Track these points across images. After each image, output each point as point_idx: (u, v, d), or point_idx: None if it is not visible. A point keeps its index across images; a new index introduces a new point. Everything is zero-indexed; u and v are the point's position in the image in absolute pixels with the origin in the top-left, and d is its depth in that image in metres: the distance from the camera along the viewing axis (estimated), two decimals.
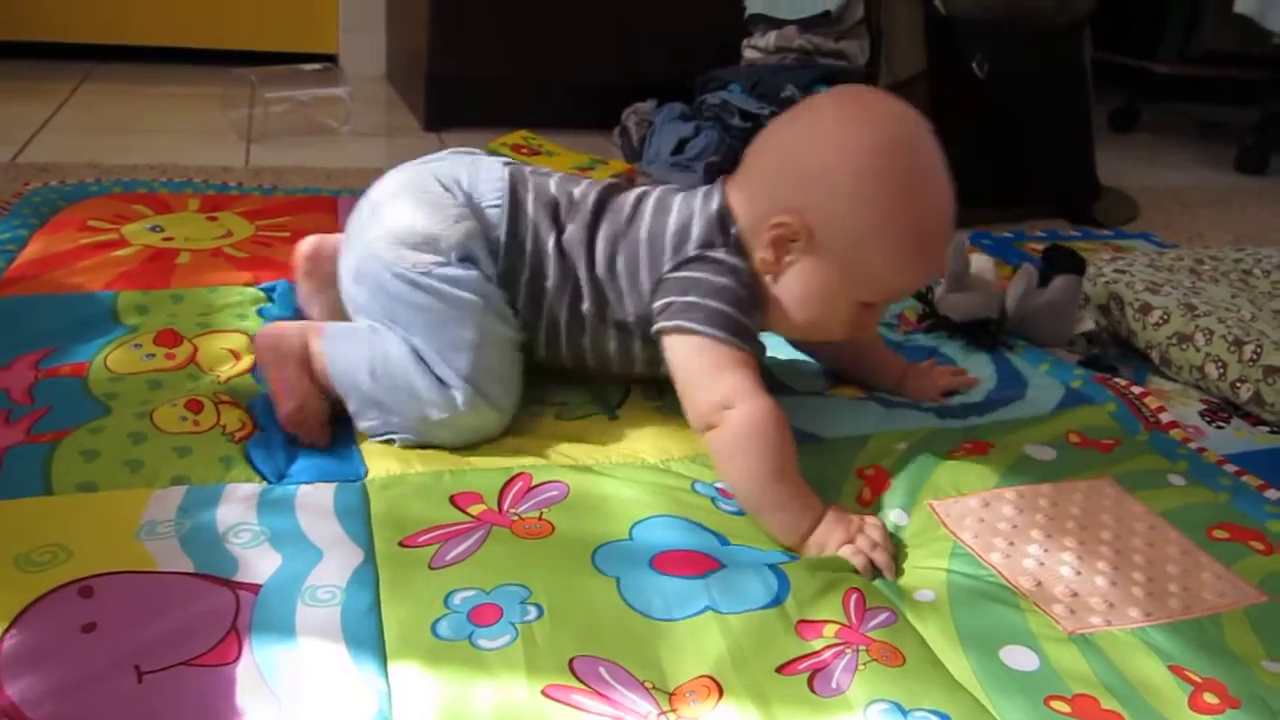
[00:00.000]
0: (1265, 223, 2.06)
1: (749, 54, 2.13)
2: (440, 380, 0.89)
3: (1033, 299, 1.26)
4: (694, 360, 0.89)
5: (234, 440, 0.89)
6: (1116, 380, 1.15)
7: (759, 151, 0.93)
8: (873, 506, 0.89)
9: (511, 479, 0.87)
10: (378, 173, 1.01)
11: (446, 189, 0.95)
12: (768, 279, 0.91)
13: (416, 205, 0.93)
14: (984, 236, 1.71)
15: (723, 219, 0.92)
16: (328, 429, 0.91)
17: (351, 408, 0.92)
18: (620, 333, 0.96)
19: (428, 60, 2.10)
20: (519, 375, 0.95)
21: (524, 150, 1.48)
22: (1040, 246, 1.68)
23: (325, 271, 1.03)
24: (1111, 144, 2.31)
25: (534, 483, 0.87)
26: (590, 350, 0.98)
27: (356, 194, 1.52)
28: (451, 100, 2.13)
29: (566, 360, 0.99)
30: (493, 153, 1.50)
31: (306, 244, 1.07)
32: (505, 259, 0.94)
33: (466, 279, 0.91)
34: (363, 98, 2.22)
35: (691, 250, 0.92)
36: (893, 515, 0.88)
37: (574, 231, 0.95)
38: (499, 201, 0.95)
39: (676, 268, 0.92)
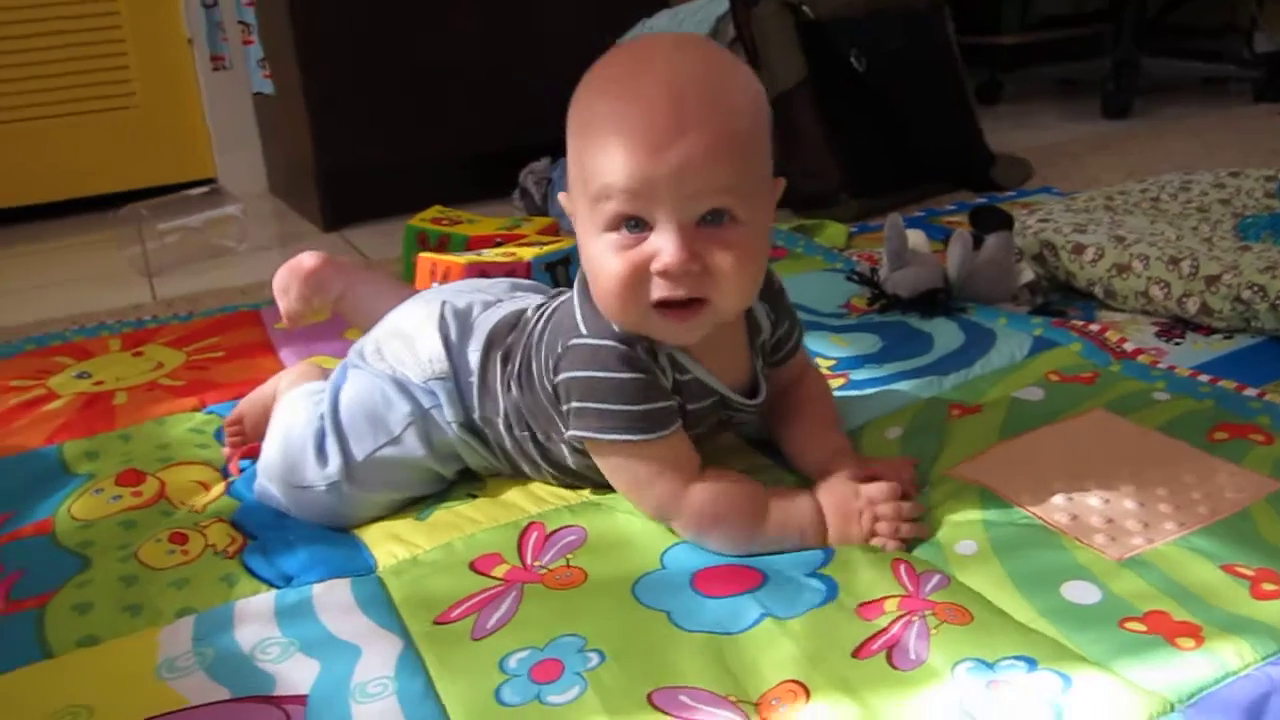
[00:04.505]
0: (1147, 157, 2.14)
1: None
2: (323, 452, 0.89)
3: (972, 262, 1.28)
4: (614, 475, 0.83)
5: (228, 556, 0.85)
6: (1074, 321, 1.18)
7: None
8: None
9: (525, 531, 0.85)
10: None
11: (444, 329, 0.92)
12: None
13: (406, 321, 0.94)
14: None
15: (584, 284, 0.82)
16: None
17: (259, 464, 0.94)
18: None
19: (314, 164, 2.07)
20: (420, 483, 0.92)
21: (444, 222, 1.46)
22: (955, 219, 1.72)
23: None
24: (984, 116, 2.38)
25: (549, 530, 0.85)
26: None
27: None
28: (347, 198, 2.10)
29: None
30: (414, 230, 1.49)
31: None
32: (473, 408, 0.90)
33: (420, 391, 0.90)
34: (251, 213, 2.17)
35: (560, 345, 0.82)
36: None
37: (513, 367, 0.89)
38: (478, 351, 0.91)
39: (556, 368, 0.82)
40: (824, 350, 1.16)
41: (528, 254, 1.20)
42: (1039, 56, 3.26)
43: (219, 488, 0.97)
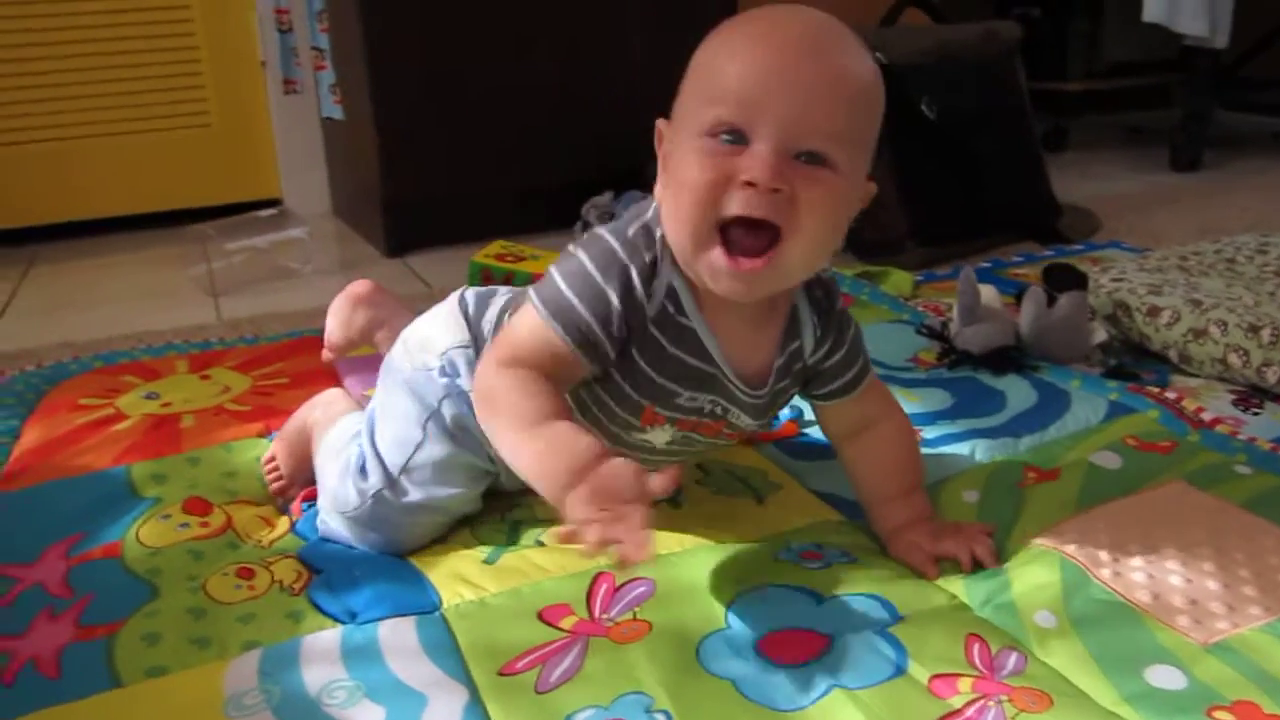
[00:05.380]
0: (1218, 214, 2.11)
1: None
2: (364, 471, 0.91)
3: (1045, 320, 1.26)
4: (512, 325, 0.80)
5: (294, 593, 0.85)
6: (1150, 388, 1.16)
7: None
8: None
9: (595, 581, 0.84)
10: None
11: (464, 306, 0.94)
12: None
13: (430, 315, 0.97)
14: None
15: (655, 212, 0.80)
16: (296, 494, 1.01)
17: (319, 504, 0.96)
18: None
19: (381, 189, 2.09)
20: (462, 482, 0.91)
21: (508, 258, 1.47)
22: (1021, 271, 1.70)
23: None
24: (1049, 164, 2.36)
25: (618, 582, 0.84)
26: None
27: None
28: (410, 225, 2.12)
29: None
30: (478, 267, 1.50)
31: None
32: None
33: (432, 385, 0.90)
34: (314, 235, 2.20)
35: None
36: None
37: None
38: (494, 318, 0.92)
39: None
40: None
41: None
42: (1106, 104, 3.22)
43: (283, 524, 0.97)
